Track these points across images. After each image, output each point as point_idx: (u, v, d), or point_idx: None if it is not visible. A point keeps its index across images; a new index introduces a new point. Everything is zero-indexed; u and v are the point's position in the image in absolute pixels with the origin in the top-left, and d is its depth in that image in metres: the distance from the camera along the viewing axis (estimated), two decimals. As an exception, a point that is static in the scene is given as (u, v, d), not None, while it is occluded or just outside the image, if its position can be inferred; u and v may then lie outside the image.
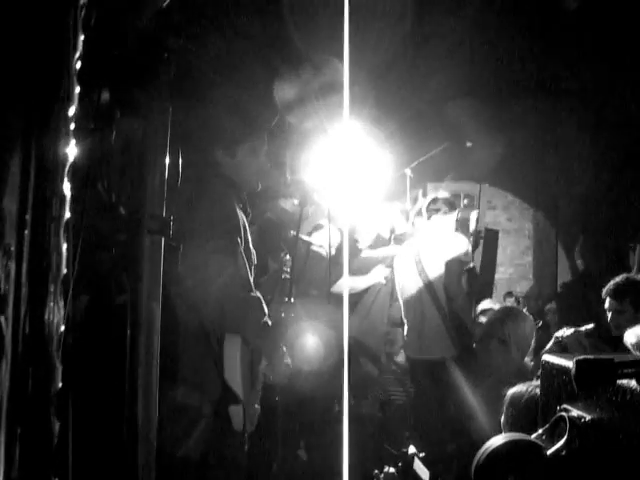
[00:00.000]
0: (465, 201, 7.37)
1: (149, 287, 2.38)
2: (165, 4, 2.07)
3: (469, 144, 6.69)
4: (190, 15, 2.32)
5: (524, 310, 4.73)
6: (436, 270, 5.30)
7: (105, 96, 2.07)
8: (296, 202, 4.76)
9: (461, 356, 5.02)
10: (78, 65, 1.62)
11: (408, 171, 6.54)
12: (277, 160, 3.50)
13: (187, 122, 2.62)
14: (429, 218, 5.53)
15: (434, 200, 5.59)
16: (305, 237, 4.70)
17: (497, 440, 1.35)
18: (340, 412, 3.14)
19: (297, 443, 4.84)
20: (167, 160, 2.37)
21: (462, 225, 5.63)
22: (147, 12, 2.07)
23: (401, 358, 5.81)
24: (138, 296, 2.36)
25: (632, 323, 3.22)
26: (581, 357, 1.28)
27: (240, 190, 3.28)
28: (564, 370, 1.48)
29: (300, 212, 4.09)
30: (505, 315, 4.02)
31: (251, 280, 3.18)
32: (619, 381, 1.31)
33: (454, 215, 5.51)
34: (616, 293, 3.99)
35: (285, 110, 3.96)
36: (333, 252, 4.49)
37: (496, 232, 8.07)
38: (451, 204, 5.60)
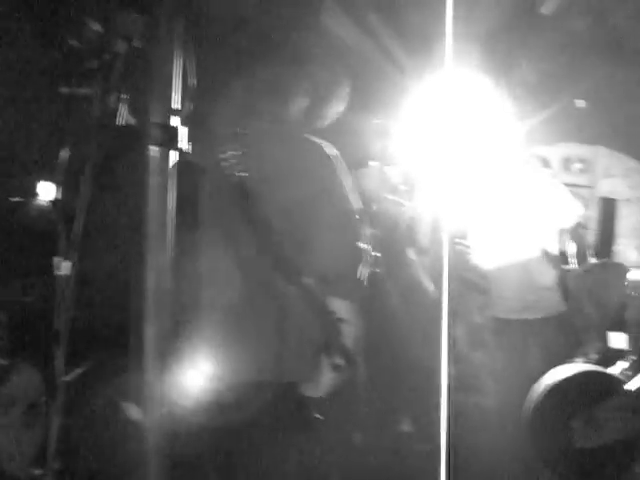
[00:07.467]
0: (579, 165, 6.88)
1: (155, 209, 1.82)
2: None
3: (581, 104, 6.30)
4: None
5: None
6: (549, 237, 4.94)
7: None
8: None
9: None
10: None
11: (515, 135, 6.21)
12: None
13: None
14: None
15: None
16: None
17: (563, 371, 1.15)
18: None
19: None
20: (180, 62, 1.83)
21: None
22: None
23: None
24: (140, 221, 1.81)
25: None
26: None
27: None
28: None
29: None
30: None
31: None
32: None
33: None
34: None
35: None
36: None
37: (614, 201, 7.56)
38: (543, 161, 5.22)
